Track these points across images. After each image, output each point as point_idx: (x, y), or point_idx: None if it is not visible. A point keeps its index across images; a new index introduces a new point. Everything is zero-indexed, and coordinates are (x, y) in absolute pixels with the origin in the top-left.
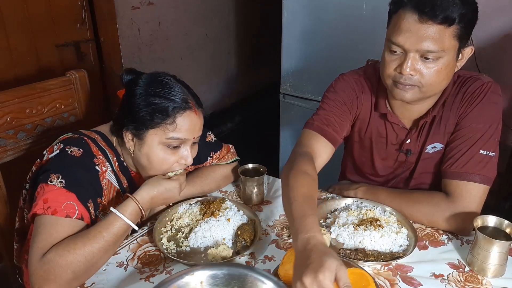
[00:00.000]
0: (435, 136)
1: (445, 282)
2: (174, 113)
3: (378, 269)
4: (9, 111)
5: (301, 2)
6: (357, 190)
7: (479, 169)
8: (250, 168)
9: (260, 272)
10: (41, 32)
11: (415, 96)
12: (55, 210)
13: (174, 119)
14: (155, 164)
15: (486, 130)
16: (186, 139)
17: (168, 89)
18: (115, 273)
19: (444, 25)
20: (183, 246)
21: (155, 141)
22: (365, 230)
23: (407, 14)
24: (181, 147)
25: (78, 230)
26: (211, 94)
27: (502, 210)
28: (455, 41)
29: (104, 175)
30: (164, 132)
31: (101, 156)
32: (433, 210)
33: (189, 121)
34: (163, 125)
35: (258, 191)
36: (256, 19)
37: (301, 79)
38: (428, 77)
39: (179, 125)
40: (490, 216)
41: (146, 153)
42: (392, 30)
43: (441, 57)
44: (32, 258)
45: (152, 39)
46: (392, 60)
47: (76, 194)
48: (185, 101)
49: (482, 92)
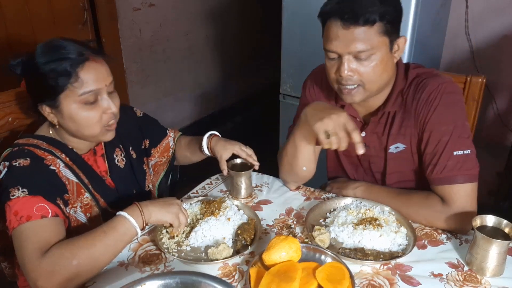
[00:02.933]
0: (397, 136)
1: (444, 281)
2: (74, 69)
3: (377, 269)
4: (10, 111)
5: (301, 2)
6: (356, 189)
7: (458, 170)
8: (238, 163)
9: (214, 279)
10: (43, 33)
11: (362, 96)
12: (29, 216)
13: (77, 75)
14: (83, 124)
15: (452, 131)
16: (97, 89)
17: (60, 49)
18: (116, 272)
19: (366, 26)
20: (183, 245)
21: (71, 104)
22: (364, 230)
23: (333, 23)
24: (99, 100)
25: (61, 227)
26: (211, 94)
27: (501, 210)
28: (383, 37)
29: (60, 172)
30: (74, 92)
31: (50, 156)
32: (431, 213)
33: (92, 70)
34: (70, 86)
35: (246, 185)
36: (256, 19)
37: (301, 80)
38: (366, 75)
39: (84, 79)
40: (489, 215)
41: (69, 118)
42: (325, 40)
43: (373, 54)
44: (30, 260)
45: (153, 40)
46: (332, 65)
47: (42, 196)
48: (80, 54)
49: (438, 95)
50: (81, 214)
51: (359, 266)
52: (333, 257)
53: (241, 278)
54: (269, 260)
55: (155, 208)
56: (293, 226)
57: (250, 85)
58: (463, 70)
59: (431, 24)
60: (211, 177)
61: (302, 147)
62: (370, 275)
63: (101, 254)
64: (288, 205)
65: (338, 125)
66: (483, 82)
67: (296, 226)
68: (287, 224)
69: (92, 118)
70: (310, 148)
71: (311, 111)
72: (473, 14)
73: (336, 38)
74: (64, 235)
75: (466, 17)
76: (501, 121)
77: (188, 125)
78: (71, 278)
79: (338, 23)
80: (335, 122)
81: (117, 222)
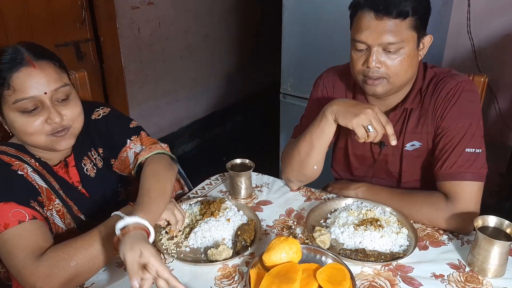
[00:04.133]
0: (414, 134)
1: (446, 282)
2: (6, 76)
3: (378, 270)
4: None
5: (301, 2)
6: (358, 190)
7: (467, 167)
8: (238, 163)
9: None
10: (41, 32)
11: (385, 88)
12: (6, 224)
13: (9, 82)
14: (22, 132)
15: (467, 128)
16: (34, 96)
17: (1, 55)
18: (115, 273)
19: (399, 19)
20: (183, 246)
21: (9, 111)
22: (365, 230)
23: (365, 14)
24: (39, 108)
25: (44, 229)
26: (211, 94)
27: (503, 210)
28: (413, 32)
29: (29, 176)
30: (8, 99)
31: (17, 161)
32: (433, 211)
33: (27, 77)
34: (4, 93)
35: (246, 186)
36: (256, 19)
37: (301, 79)
38: (393, 68)
39: (16, 85)
40: (491, 216)
41: (11, 126)
42: (354, 30)
43: (402, 47)
44: (26, 265)
45: (152, 39)
46: (359, 57)
47: (14, 201)
48: (14, 59)
49: (456, 92)
50: (57, 217)
51: (360, 267)
52: (334, 258)
53: (241, 280)
54: (269, 261)
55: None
56: (294, 227)
57: (250, 85)
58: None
59: (433, 23)
60: (210, 178)
61: (318, 146)
62: (371, 276)
63: (99, 254)
64: (289, 205)
65: (374, 118)
66: (485, 81)
67: (296, 227)
68: (288, 225)
69: (30, 127)
70: (325, 147)
71: (342, 108)
72: (475, 13)
73: (368, 28)
74: (50, 235)
75: (468, 16)
76: (503, 121)
77: (188, 124)
78: (70, 280)
79: (372, 14)
80: (371, 116)
81: (113, 221)
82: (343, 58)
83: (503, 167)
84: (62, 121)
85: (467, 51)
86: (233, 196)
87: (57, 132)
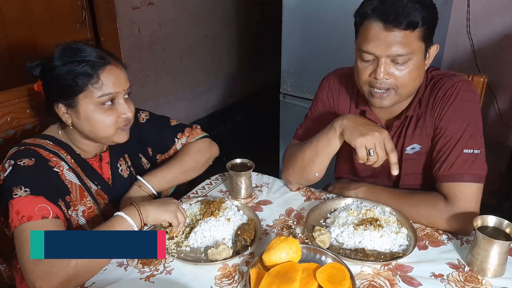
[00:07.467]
0: (413, 138)
1: (445, 282)
2: (96, 71)
3: (378, 269)
4: (9, 111)
5: (301, 2)
6: (358, 190)
7: (466, 168)
8: (238, 163)
9: None
10: (41, 32)
11: (392, 101)
12: (30, 216)
13: (98, 76)
14: (97, 125)
15: (465, 129)
16: (116, 92)
17: (81, 52)
18: (115, 273)
19: (409, 30)
20: (183, 246)
21: (89, 105)
22: (365, 230)
23: (373, 24)
24: (115, 103)
25: (61, 228)
26: (211, 94)
27: (502, 210)
28: (421, 43)
29: (63, 175)
30: (93, 92)
31: (54, 158)
32: (433, 212)
33: (112, 74)
34: (89, 86)
35: (246, 186)
36: (256, 19)
37: (301, 79)
38: (402, 79)
39: (104, 81)
40: (490, 216)
41: (85, 118)
42: (361, 40)
43: (410, 59)
44: (29, 261)
45: (152, 39)
46: (365, 67)
47: (44, 196)
48: (102, 58)
49: (453, 93)
50: (82, 218)
51: (360, 266)
52: (333, 258)
53: (241, 279)
54: (269, 260)
55: (153, 208)
56: (294, 226)
57: (250, 85)
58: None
59: None
60: (210, 178)
61: (323, 155)
62: (370, 276)
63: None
64: (289, 205)
65: (379, 143)
66: (484, 81)
67: (296, 227)
68: (287, 225)
69: (107, 121)
70: (330, 157)
71: (351, 124)
72: (474, 13)
73: (376, 39)
74: None
75: (468, 16)
76: (502, 121)
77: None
78: (70, 279)
79: (380, 25)
80: (376, 140)
81: (114, 222)
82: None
83: (503, 167)
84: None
85: (467, 51)
86: (233, 196)
87: (125, 125)
